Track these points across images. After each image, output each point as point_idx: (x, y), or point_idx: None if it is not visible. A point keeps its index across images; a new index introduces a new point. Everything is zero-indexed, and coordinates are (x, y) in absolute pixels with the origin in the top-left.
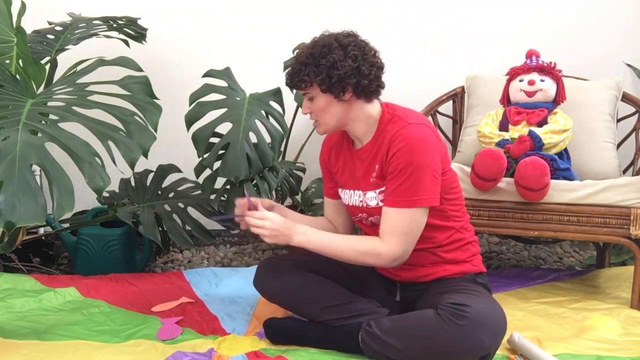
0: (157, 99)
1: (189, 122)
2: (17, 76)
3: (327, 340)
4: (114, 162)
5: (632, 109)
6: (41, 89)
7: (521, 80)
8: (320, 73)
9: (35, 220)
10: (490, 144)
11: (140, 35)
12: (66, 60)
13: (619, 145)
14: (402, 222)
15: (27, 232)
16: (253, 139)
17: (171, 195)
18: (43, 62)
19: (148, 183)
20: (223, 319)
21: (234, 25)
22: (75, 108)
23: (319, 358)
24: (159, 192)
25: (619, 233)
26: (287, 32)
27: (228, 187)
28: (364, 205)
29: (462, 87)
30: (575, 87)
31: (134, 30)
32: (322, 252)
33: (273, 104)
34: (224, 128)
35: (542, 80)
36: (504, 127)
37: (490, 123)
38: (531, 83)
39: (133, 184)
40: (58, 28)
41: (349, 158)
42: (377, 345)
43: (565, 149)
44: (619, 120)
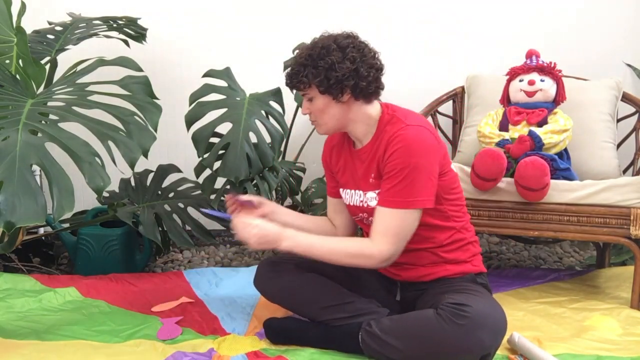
0: (157, 99)
1: (189, 122)
2: (17, 76)
3: (327, 340)
4: (114, 162)
5: (632, 109)
6: (41, 89)
7: (521, 80)
8: (318, 74)
9: (35, 220)
10: (490, 144)
11: (140, 35)
12: (66, 60)
13: (619, 145)
14: (395, 223)
15: (27, 232)
16: (253, 139)
17: (171, 195)
18: (43, 62)
19: (148, 183)
20: (223, 319)
21: (234, 25)
22: (75, 108)
23: (318, 358)
24: (159, 192)
25: (619, 233)
26: (287, 32)
27: (228, 187)
28: (364, 205)
29: (462, 87)
30: (575, 87)
31: (134, 30)
32: (310, 256)
33: (273, 104)
34: (224, 128)
35: (542, 80)
36: (504, 127)
37: (490, 123)
38: (531, 83)
39: (133, 184)
40: (58, 28)
41: (349, 158)
42: (377, 345)
43: (565, 149)
44: (619, 120)
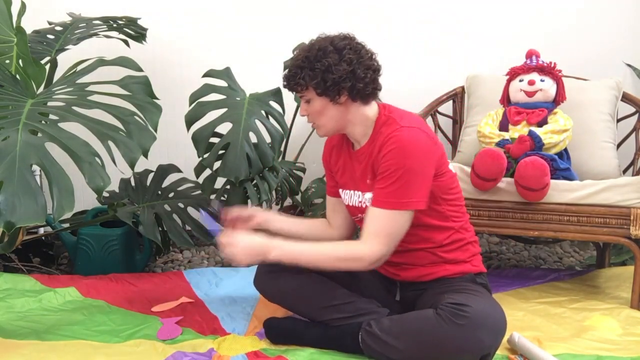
0: (157, 99)
1: (189, 122)
2: (17, 76)
3: (327, 340)
4: (114, 162)
5: (632, 109)
6: (41, 89)
7: (521, 80)
8: (315, 77)
9: (35, 220)
10: (490, 144)
11: (140, 35)
12: (66, 60)
13: (619, 145)
14: (387, 223)
15: (27, 232)
16: (253, 139)
17: (171, 195)
18: (43, 62)
19: (148, 183)
20: (223, 319)
21: (234, 25)
22: (75, 108)
23: (318, 358)
24: (159, 192)
25: (619, 233)
26: (287, 32)
27: (228, 187)
28: (363, 205)
29: (462, 87)
30: (575, 87)
31: (134, 30)
32: (300, 264)
33: (273, 104)
34: (224, 128)
35: (542, 80)
36: (504, 127)
37: (490, 123)
38: (531, 83)
39: (133, 184)
40: (58, 28)
41: (348, 159)
42: (377, 345)
43: (565, 149)
44: (619, 120)
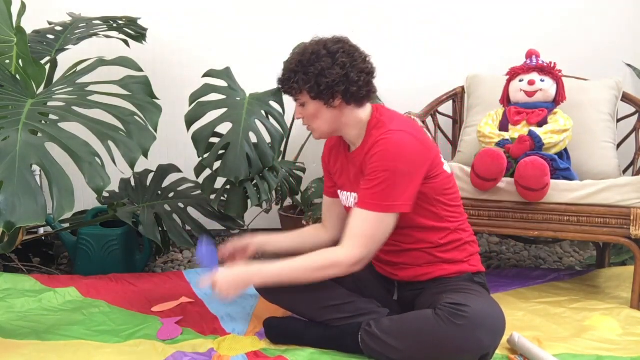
0: (157, 99)
1: (189, 122)
2: (17, 76)
3: (327, 340)
4: (114, 162)
5: (632, 109)
6: (41, 89)
7: (521, 80)
8: (308, 81)
9: (35, 220)
10: (490, 144)
11: (140, 35)
12: (66, 60)
13: (619, 145)
14: (368, 225)
15: (27, 232)
16: (253, 139)
17: (171, 195)
18: (43, 62)
19: (148, 183)
20: (223, 319)
21: (234, 25)
22: (75, 108)
23: (318, 358)
24: (159, 192)
25: (619, 233)
26: (287, 32)
27: (228, 187)
28: None
29: (462, 87)
30: (575, 87)
31: (134, 30)
32: (282, 283)
33: (273, 104)
34: (224, 128)
35: (542, 80)
36: (504, 127)
37: (490, 123)
38: (531, 83)
39: (133, 184)
40: (58, 28)
41: (345, 161)
42: (377, 345)
43: (565, 149)
44: (619, 120)
